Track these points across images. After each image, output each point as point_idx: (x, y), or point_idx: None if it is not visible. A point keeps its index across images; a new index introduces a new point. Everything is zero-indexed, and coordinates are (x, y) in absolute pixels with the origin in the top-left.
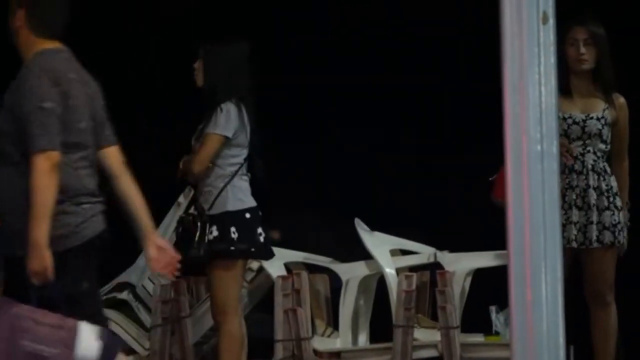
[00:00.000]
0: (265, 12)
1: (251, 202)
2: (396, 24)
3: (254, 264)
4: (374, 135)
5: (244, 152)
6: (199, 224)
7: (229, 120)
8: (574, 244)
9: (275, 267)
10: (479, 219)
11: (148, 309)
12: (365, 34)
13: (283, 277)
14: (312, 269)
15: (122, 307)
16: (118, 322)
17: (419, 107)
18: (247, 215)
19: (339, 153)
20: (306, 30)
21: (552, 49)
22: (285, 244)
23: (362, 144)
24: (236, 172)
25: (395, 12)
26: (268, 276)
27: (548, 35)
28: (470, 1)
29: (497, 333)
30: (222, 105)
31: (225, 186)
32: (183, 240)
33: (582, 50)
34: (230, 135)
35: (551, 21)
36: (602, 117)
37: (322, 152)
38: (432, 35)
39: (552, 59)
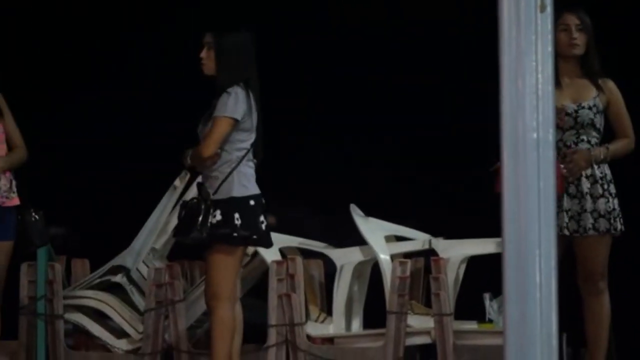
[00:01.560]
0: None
1: (255, 189)
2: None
3: (249, 249)
4: (370, 121)
5: (251, 137)
6: (202, 207)
7: (237, 103)
8: (566, 232)
9: (269, 252)
10: (474, 206)
11: (142, 292)
12: (355, 22)
13: (277, 262)
14: (306, 254)
15: (116, 290)
16: (112, 305)
17: (414, 92)
18: (251, 202)
19: (334, 139)
20: (300, 20)
21: (549, 37)
22: (280, 229)
23: (358, 129)
24: (243, 157)
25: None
26: (262, 261)
27: (545, 23)
28: None
29: (490, 320)
30: (230, 89)
31: (231, 172)
32: (185, 223)
33: (575, 35)
34: (239, 118)
35: (548, 9)
36: (594, 105)
37: (317, 138)
38: (427, 21)
39: (549, 47)
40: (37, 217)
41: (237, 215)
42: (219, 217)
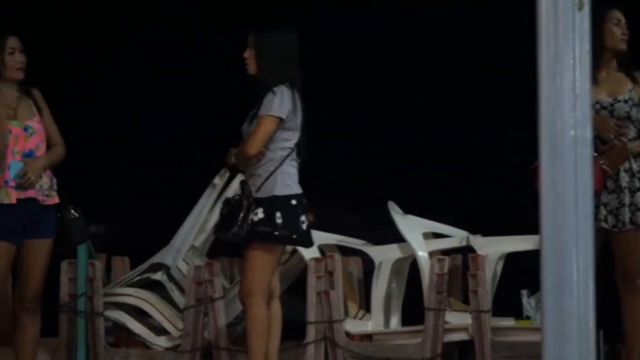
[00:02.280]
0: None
1: (298, 189)
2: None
3: (288, 247)
4: (408, 119)
5: (295, 137)
6: (244, 204)
7: (282, 102)
8: (605, 225)
9: (308, 250)
10: (511, 202)
11: (182, 289)
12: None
13: (316, 260)
14: (345, 251)
15: (156, 287)
16: (152, 303)
17: (453, 91)
18: (293, 202)
19: (373, 137)
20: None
21: (586, 35)
22: (319, 227)
23: (397, 127)
24: (286, 156)
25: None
26: (301, 258)
27: (583, 21)
28: None
29: (527, 317)
30: (275, 89)
31: (274, 171)
32: (226, 220)
33: (625, 29)
34: (284, 117)
35: (586, 8)
36: (629, 99)
37: (357, 135)
38: (463, 18)
39: (587, 45)
40: (76, 214)
41: (278, 214)
42: (260, 215)
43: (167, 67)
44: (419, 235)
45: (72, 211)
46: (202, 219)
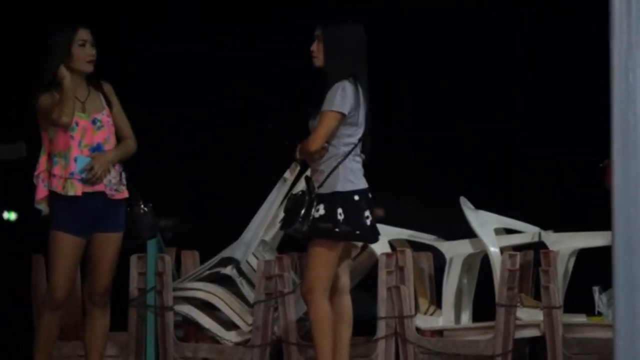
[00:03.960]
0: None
1: (361, 184)
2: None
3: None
4: (480, 114)
5: (359, 132)
6: (307, 199)
7: (345, 98)
8: None
9: (379, 245)
10: (583, 199)
11: (252, 284)
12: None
13: (387, 255)
14: (416, 246)
15: (225, 282)
16: (221, 297)
17: (523, 86)
18: (356, 198)
19: (445, 132)
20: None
21: None
22: (389, 222)
23: (468, 123)
24: (349, 152)
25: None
26: (372, 253)
27: None
28: None
29: (599, 314)
30: (339, 84)
31: (337, 166)
32: (290, 215)
33: None
34: (346, 112)
35: None
36: None
37: (427, 131)
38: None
39: None
40: (146, 209)
41: (340, 210)
42: (322, 211)
43: (235, 62)
44: (491, 231)
45: (142, 206)
46: (273, 214)
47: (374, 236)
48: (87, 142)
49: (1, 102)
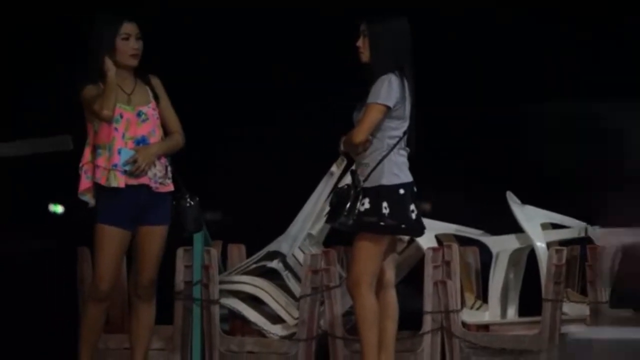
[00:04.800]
0: None
1: (407, 178)
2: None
3: (405, 236)
4: (527, 110)
5: (404, 126)
6: (352, 193)
7: (390, 91)
8: None
9: (425, 239)
10: (631, 194)
11: (298, 278)
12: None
13: (434, 249)
14: (462, 241)
15: (272, 275)
16: (267, 291)
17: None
18: (401, 191)
19: (491, 126)
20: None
21: None
22: (436, 216)
23: (516, 118)
24: (394, 145)
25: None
26: (418, 248)
27: None
28: None
29: None
30: (385, 76)
31: (382, 160)
32: (335, 209)
33: None
34: (391, 105)
35: None
36: None
37: (475, 125)
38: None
39: None
40: (191, 202)
41: (385, 204)
42: (367, 205)
43: (284, 56)
44: (537, 226)
45: (188, 199)
46: (319, 207)
47: (419, 230)
48: (131, 135)
49: (49, 94)
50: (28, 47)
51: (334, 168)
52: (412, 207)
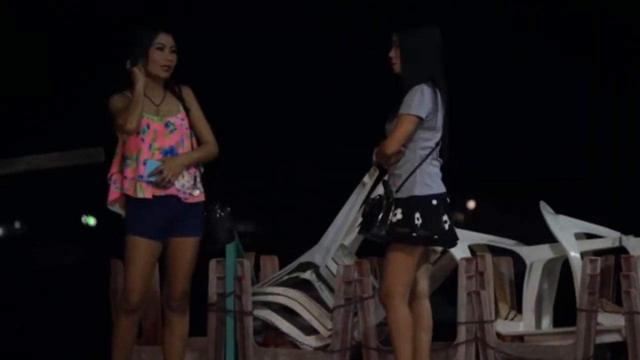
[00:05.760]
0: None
1: (440, 188)
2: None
3: (438, 247)
4: (560, 120)
5: (436, 136)
6: (384, 203)
7: (422, 102)
8: None
9: (459, 249)
10: None
11: (331, 289)
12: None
13: (467, 259)
14: (496, 251)
15: (305, 286)
16: (301, 302)
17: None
18: (434, 202)
19: (524, 138)
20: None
21: None
22: (470, 226)
23: (548, 128)
24: (427, 156)
25: None
26: (452, 258)
27: None
28: None
29: None
30: (417, 87)
31: (414, 170)
32: (367, 219)
33: None
34: (423, 116)
35: None
36: None
37: (509, 137)
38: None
39: None
40: (222, 213)
41: (417, 215)
42: (399, 215)
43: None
44: (571, 236)
45: (219, 210)
46: (352, 218)
47: (453, 241)
48: (158, 145)
49: (80, 105)
50: (62, 60)
51: (366, 179)
52: (445, 217)
